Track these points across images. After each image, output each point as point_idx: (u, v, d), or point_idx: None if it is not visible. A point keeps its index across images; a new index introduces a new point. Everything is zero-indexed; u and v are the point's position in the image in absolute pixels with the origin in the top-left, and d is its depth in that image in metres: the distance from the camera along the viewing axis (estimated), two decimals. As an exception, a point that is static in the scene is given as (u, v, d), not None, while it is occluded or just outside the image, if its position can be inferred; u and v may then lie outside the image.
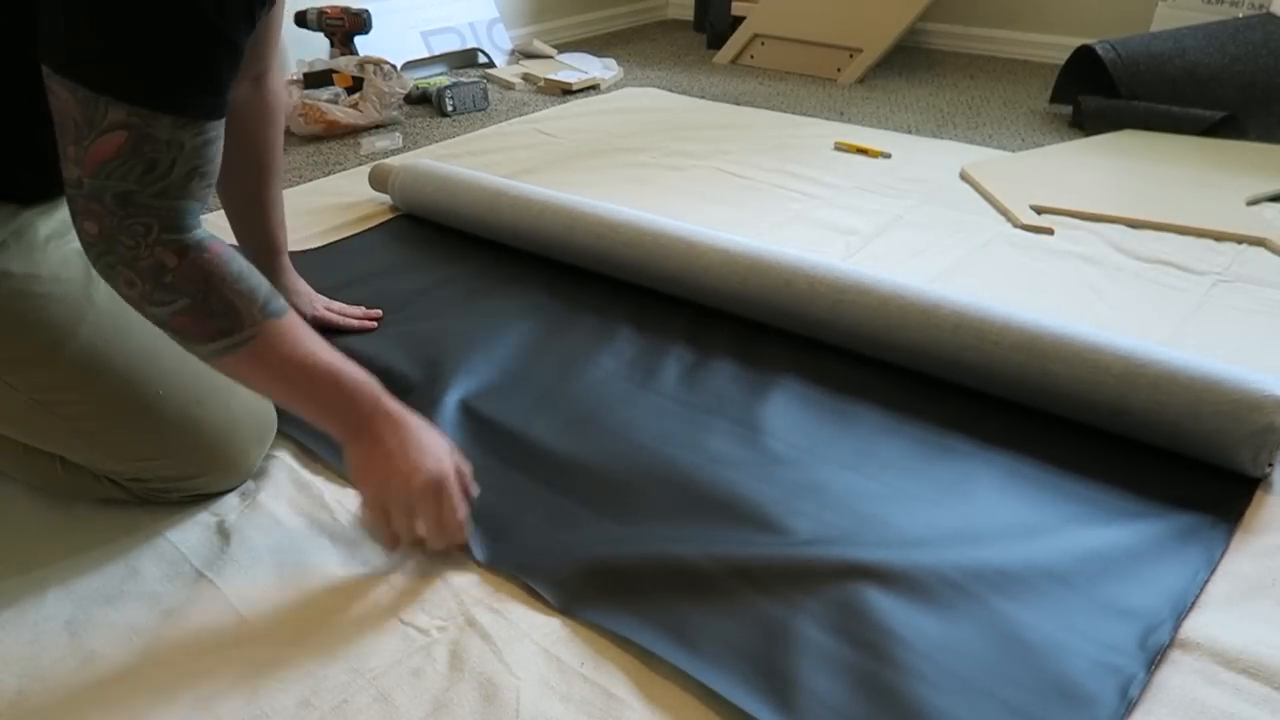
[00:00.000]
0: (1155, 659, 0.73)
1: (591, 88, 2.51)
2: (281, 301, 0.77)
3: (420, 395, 1.05)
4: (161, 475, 0.89)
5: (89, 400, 0.84)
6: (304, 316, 1.15)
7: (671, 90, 2.49)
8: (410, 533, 0.82)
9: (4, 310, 0.79)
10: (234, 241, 1.14)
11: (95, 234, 0.69)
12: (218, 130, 0.72)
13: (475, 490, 0.87)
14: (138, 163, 0.67)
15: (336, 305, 1.25)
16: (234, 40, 0.69)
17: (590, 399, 1.06)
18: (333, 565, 0.85)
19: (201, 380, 0.90)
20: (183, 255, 0.71)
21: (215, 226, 0.88)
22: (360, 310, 1.26)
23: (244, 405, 0.94)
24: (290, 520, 0.91)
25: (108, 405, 0.85)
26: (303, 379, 0.78)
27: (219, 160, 0.74)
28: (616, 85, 2.57)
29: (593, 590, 0.80)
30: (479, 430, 1.01)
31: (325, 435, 0.84)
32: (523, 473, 0.95)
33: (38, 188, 0.82)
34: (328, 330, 1.19)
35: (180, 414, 0.88)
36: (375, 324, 1.24)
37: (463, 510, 0.83)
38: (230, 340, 0.74)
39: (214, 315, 0.73)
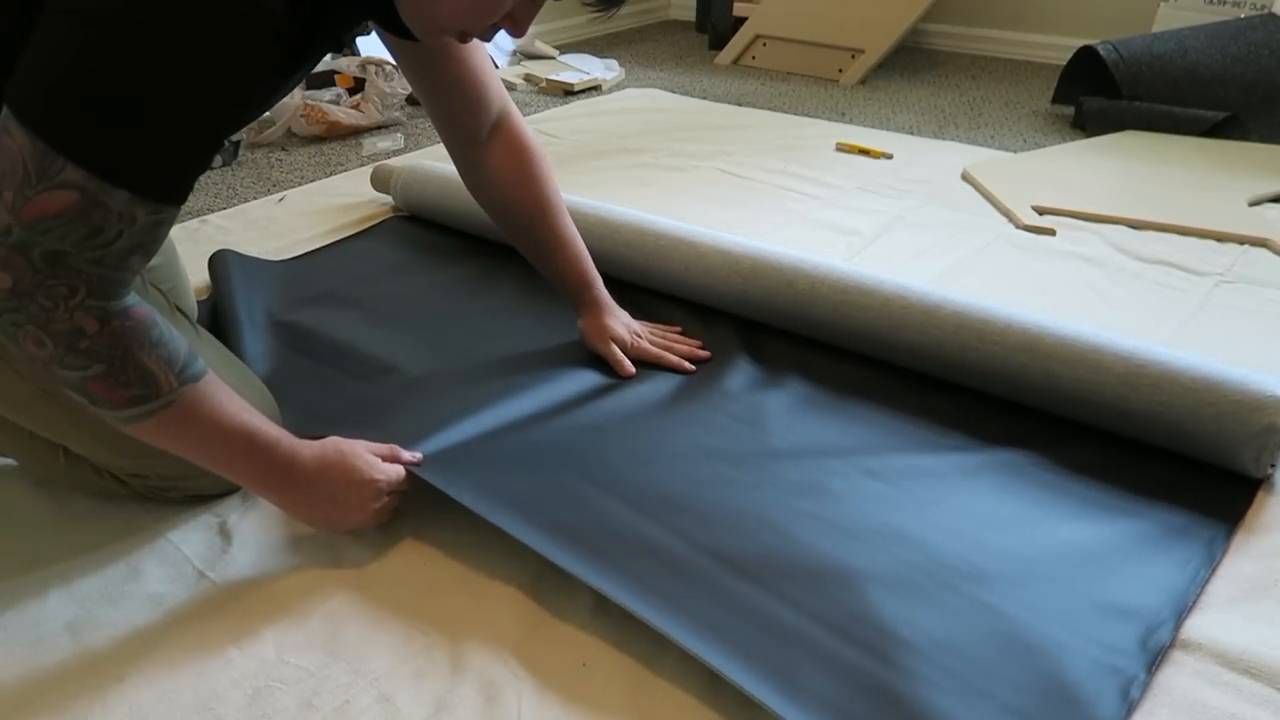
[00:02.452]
0: (1156, 660, 0.73)
1: (593, 88, 2.51)
2: (201, 364, 0.75)
3: (419, 394, 1.05)
4: (162, 474, 0.90)
5: None
6: (623, 347, 1.11)
7: (673, 91, 2.49)
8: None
9: None
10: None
11: (6, 289, 0.64)
12: (173, 215, 0.69)
13: (418, 458, 0.90)
14: (81, 227, 0.63)
15: (661, 335, 1.16)
16: (213, 145, 0.67)
17: (592, 398, 1.06)
18: (334, 566, 0.85)
19: None
20: (105, 322, 0.67)
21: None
22: (689, 344, 1.16)
23: None
24: (291, 521, 0.91)
25: None
26: (218, 442, 0.77)
27: (164, 241, 0.71)
28: (618, 86, 2.57)
29: (597, 571, 0.80)
30: (480, 428, 1.00)
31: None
32: (525, 469, 0.95)
33: None
34: (644, 364, 1.11)
35: None
36: (695, 368, 1.12)
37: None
38: (145, 408, 0.71)
39: (129, 383, 0.70)
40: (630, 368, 1.10)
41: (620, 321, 1.14)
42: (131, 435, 0.74)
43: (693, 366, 1.13)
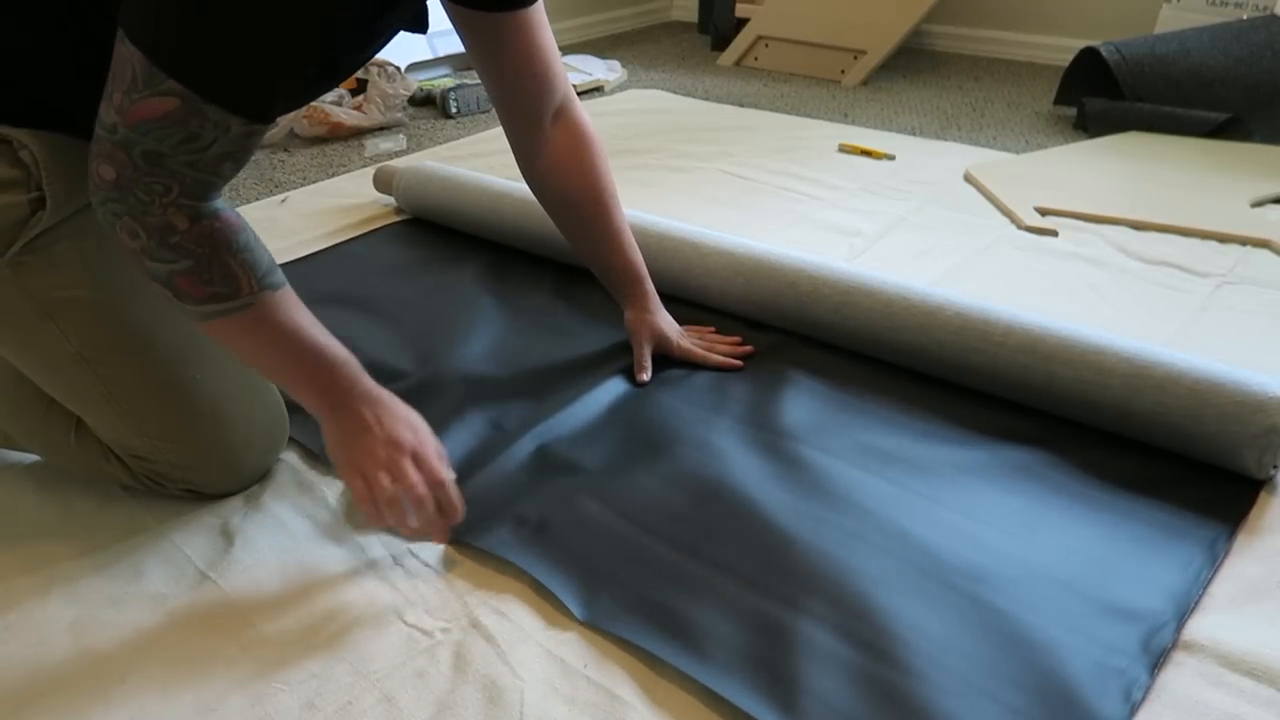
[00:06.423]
0: (1158, 661, 0.73)
1: (596, 89, 2.51)
2: (281, 276, 0.79)
3: (422, 396, 1.05)
4: (169, 460, 0.90)
5: (130, 366, 0.85)
6: (668, 346, 1.13)
7: (676, 92, 2.50)
8: (395, 504, 0.80)
9: (85, 253, 0.81)
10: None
11: (110, 180, 0.69)
12: (263, 131, 0.73)
13: (451, 475, 0.84)
14: (180, 132, 0.67)
15: (699, 336, 1.17)
16: (302, 62, 0.69)
17: (595, 398, 1.06)
18: (336, 567, 0.86)
19: (236, 377, 0.91)
20: (195, 220, 0.72)
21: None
22: (729, 343, 1.18)
23: (265, 413, 0.95)
24: (293, 522, 0.91)
25: (145, 375, 0.86)
26: (287, 351, 0.79)
27: (254, 152, 0.74)
28: (621, 87, 2.57)
29: (599, 594, 0.80)
30: (484, 429, 1.01)
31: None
32: (529, 472, 0.95)
33: None
34: (692, 366, 1.13)
35: (209, 403, 0.89)
36: (742, 363, 1.14)
37: (448, 476, 0.83)
38: (223, 306, 0.75)
39: (213, 280, 0.73)
40: (645, 378, 1.10)
41: (667, 320, 1.15)
42: (205, 332, 0.77)
43: (740, 363, 1.13)
